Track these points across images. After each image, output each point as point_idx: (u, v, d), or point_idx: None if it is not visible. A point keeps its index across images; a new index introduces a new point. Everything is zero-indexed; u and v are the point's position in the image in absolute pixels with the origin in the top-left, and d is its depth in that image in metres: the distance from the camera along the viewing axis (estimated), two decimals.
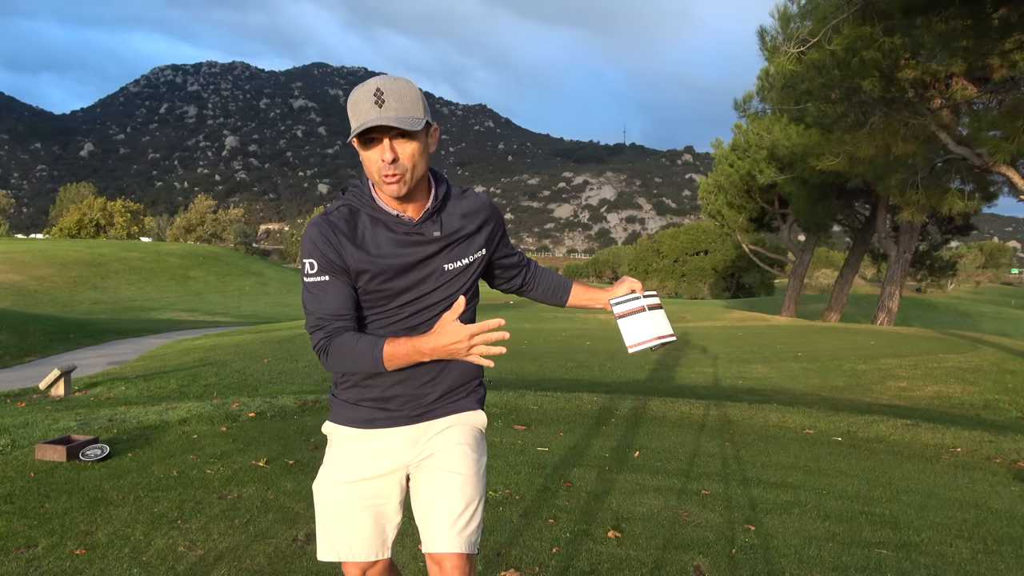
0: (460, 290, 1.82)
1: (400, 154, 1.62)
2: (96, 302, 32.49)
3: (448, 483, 1.76)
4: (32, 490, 3.92)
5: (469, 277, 1.84)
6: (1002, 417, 8.56)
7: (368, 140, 1.62)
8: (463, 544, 1.71)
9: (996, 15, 9.54)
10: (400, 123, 1.57)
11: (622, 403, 7.11)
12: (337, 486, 1.81)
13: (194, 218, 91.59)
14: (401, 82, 1.62)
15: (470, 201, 1.86)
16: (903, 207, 17.18)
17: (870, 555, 3.33)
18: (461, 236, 1.81)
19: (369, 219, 1.75)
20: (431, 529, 1.74)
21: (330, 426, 1.88)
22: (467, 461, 1.79)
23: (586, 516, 3.71)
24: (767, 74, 19.80)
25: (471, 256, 1.83)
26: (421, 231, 1.75)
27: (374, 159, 1.63)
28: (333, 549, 1.81)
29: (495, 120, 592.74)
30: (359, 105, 1.60)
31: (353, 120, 1.61)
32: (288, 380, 9.72)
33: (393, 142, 1.62)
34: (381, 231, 1.74)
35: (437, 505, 1.75)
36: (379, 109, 1.58)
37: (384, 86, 1.59)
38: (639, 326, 1.93)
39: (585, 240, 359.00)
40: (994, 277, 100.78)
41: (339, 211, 1.75)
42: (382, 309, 1.77)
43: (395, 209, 1.73)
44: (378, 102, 1.58)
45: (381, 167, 1.63)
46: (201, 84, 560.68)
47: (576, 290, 2.13)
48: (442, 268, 1.78)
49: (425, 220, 1.75)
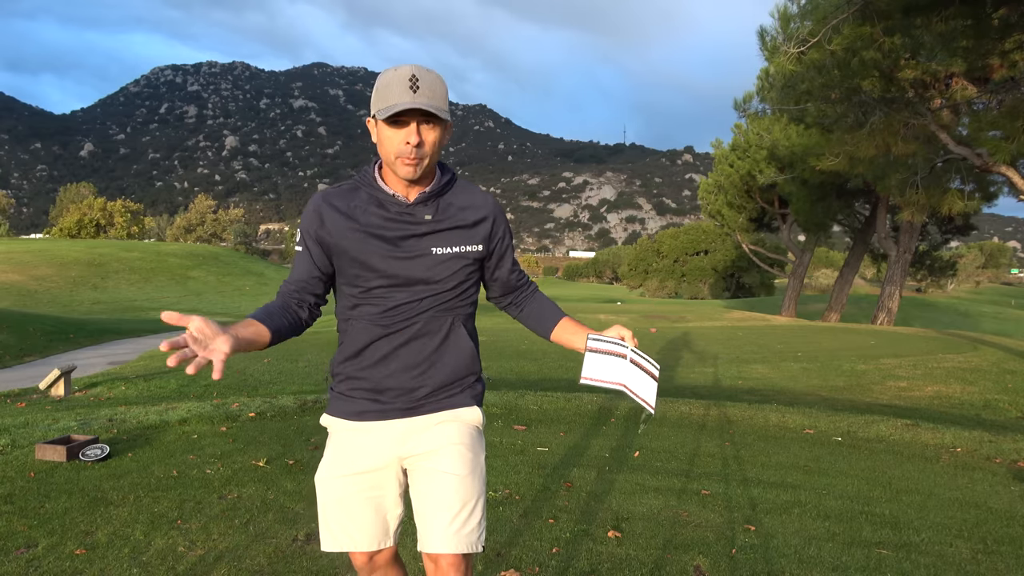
0: (449, 279, 1.80)
1: (424, 139, 1.68)
2: (96, 302, 32.50)
3: (444, 484, 1.76)
4: (32, 490, 3.92)
5: (460, 269, 1.81)
6: (1002, 417, 8.56)
7: (395, 121, 1.66)
8: (457, 544, 1.72)
9: (996, 15, 9.53)
10: (435, 109, 1.64)
11: (622, 403, 7.11)
12: (336, 479, 1.83)
13: (194, 218, 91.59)
14: (433, 74, 1.67)
15: (474, 196, 1.87)
16: (903, 207, 17.19)
17: (870, 555, 3.33)
18: (454, 225, 1.81)
19: (367, 196, 1.80)
20: (427, 529, 1.75)
21: (327, 418, 1.91)
22: (463, 461, 1.79)
23: (586, 516, 3.71)
24: (767, 74, 19.80)
25: (464, 247, 1.81)
26: (412, 212, 1.78)
27: (397, 140, 1.67)
28: (336, 540, 1.83)
29: (495, 120, 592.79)
30: (391, 87, 1.64)
31: (381, 101, 1.66)
32: (288, 380, 9.72)
33: (420, 127, 1.67)
34: (374, 207, 1.78)
35: (433, 506, 1.76)
36: (413, 94, 1.62)
37: (419, 74, 1.64)
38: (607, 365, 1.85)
39: (585, 240, 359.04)
40: (994, 277, 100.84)
41: (341, 187, 1.83)
42: (368, 288, 1.79)
43: (393, 189, 1.77)
44: (413, 87, 1.63)
45: (404, 149, 1.67)
46: (201, 84, 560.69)
47: (564, 324, 2.00)
48: (430, 251, 1.78)
49: (420, 203, 1.78)
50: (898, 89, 11.76)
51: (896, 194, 16.84)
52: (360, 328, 1.81)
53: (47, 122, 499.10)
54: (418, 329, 1.80)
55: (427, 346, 1.81)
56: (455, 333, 1.84)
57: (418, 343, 1.80)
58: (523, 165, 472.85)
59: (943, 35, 9.83)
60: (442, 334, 1.82)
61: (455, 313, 1.84)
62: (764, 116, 23.66)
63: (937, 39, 10.07)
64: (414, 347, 1.80)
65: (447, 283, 1.80)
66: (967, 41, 9.94)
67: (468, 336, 1.87)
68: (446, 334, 1.82)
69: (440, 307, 1.81)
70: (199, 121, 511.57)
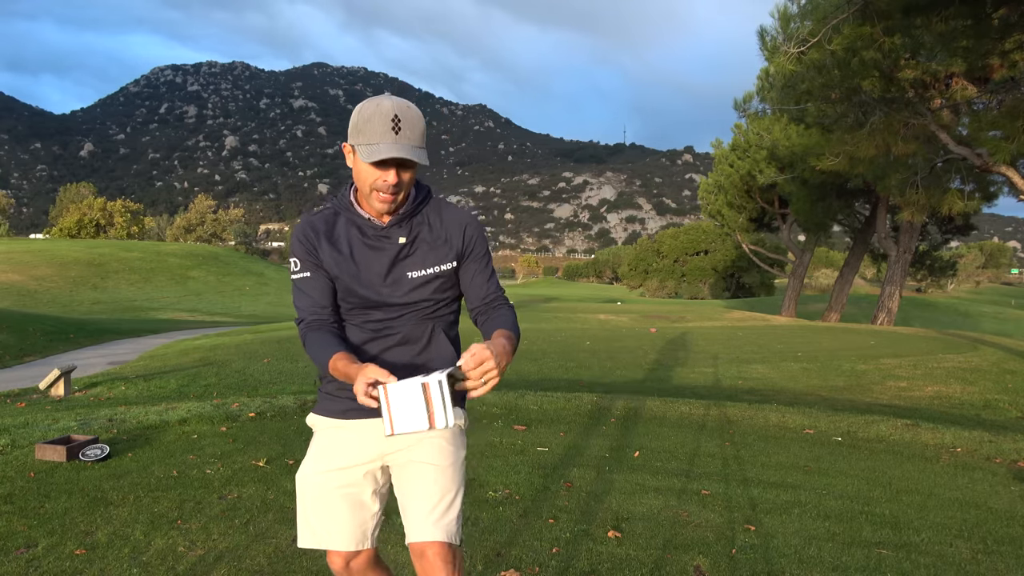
0: (425, 300, 1.85)
1: (402, 179, 1.74)
2: (96, 302, 32.49)
3: (423, 474, 1.81)
4: (32, 490, 3.92)
5: (437, 288, 1.86)
6: (1002, 417, 8.56)
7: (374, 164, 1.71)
8: (441, 532, 1.74)
9: (996, 15, 9.53)
10: (417, 157, 1.68)
11: (622, 403, 7.11)
12: (317, 475, 1.88)
13: (194, 218, 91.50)
14: (413, 111, 1.70)
15: (449, 212, 1.89)
16: (903, 207, 17.19)
17: (870, 555, 3.33)
18: (428, 245, 1.85)
19: (346, 221, 1.86)
20: (410, 519, 1.79)
21: (313, 417, 1.97)
22: (442, 453, 1.83)
23: (586, 516, 3.71)
24: (767, 74, 19.83)
25: (439, 267, 1.85)
26: (388, 235, 1.83)
27: (374, 176, 1.72)
28: (314, 536, 1.87)
29: (495, 120, 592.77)
30: (374, 125, 1.67)
31: (363, 137, 1.68)
32: (288, 380, 9.72)
33: (399, 169, 1.72)
34: (355, 233, 1.84)
35: (414, 495, 1.80)
36: (395, 135, 1.67)
37: (401, 113, 1.68)
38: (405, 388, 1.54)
39: (585, 240, 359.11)
40: (994, 277, 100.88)
41: (322, 213, 1.89)
42: (352, 310, 1.87)
43: (368, 213, 1.83)
44: (395, 128, 1.67)
45: (382, 186, 1.72)
46: (201, 84, 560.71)
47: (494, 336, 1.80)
48: (406, 275, 1.83)
49: (393, 224, 1.83)
50: (898, 89, 11.76)
51: (896, 194, 16.86)
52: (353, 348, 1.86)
53: (47, 122, 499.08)
54: (401, 337, 1.87)
55: (409, 352, 1.87)
56: (436, 339, 1.89)
57: (400, 349, 1.86)
58: (523, 165, 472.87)
59: (943, 35, 9.83)
60: (424, 340, 1.88)
61: (436, 320, 1.90)
62: (764, 116, 23.68)
63: (937, 39, 10.08)
64: (396, 352, 1.86)
65: (425, 302, 1.87)
66: (967, 41, 9.94)
67: (449, 342, 1.92)
68: (428, 340, 1.88)
69: (420, 318, 1.88)
70: (199, 121, 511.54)
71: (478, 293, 1.94)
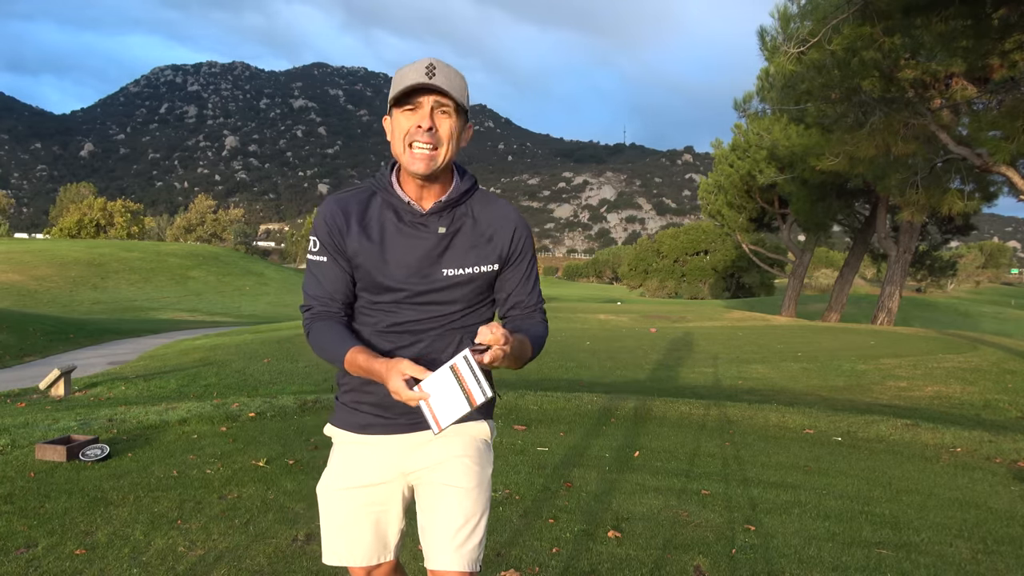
0: (456, 302, 1.71)
1: (438, 126, 1.61)
2: (96, 302, 32.48)
3: (448, 497, 1.71)
4: (32, 490, 3.92)
5: (471, 290, 1.72)
6: (1002, 417, 8.56)
7: (408, 106, 1.61)
8: (463, 561, 1.66)
9: (996, 15, 9.53)
10: (449, 88, 1.57)
11: (622, 403, 7.11)
12: (339, 491, 1.79)
13: (194, 218, 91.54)
14: (452, 68, 1.61)
15: (497, 208, 1.75)
16: (903, 207, 17.19)
17: (870, 555, 3.33)
18: (469, 242, 1.70)
19: (382, 202, 1.71)
20: (431, 545, 1.70)
21: (331, 429, 1.87)
22: (469, 474, 1.72)
23: (586, 516, 3.71)
24: (767, 74, 19.81)
25: (479, 267, 1.71)
26: (426, 222, 1.68)
27: (408, 124, 1.60)
28: (336, 555, 1.80)
29: (495, 120, 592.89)
30: (406, 75, 1.59)
31: (396, 87, 1.60)
32: (288, 380, 9.72)
33: (434, 112, 1.60)
34: (389, 216, 1.70)
35: (437, 520, 1.70)
36: (428, 78, 1.57)
37: (437, 64, 1.59)
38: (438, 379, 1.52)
39: (585, 240, 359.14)
40: (994, 277, 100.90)
41: (357, 192, 1.75)
42: (373, 300, 1.72)
43: (408, 196, 1.69)
44: (429, 73, 1.57)
45: (415, 133, 1.59)
46: (201, 84, 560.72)
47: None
48: (441, 271, 1.68)
49: (435, 212, 1.68)
50: (898, 89, 11.76)
51: (896, 194, 16.85)
52: (365, 341, 1.73)
53: (47, 122, 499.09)
54: (424, 347, 1.71)
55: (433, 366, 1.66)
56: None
57: (423, 362, 1.66)
58: (523, 165, 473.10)
59: (943, 35, 9.83)
60: (449, 353, 1.71)
61: (464, 332, 1.74)
62: (764, 116, 23.65)
63: (937, 39, 10.07)
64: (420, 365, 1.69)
65: (456, 304, 1.72)
66: (967, 41, 9.94)
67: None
68: (453, 354, 1.69)
69: (448, 326, 1.73)
70: (199, 121, 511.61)
71: (516, 300, 1.78)
